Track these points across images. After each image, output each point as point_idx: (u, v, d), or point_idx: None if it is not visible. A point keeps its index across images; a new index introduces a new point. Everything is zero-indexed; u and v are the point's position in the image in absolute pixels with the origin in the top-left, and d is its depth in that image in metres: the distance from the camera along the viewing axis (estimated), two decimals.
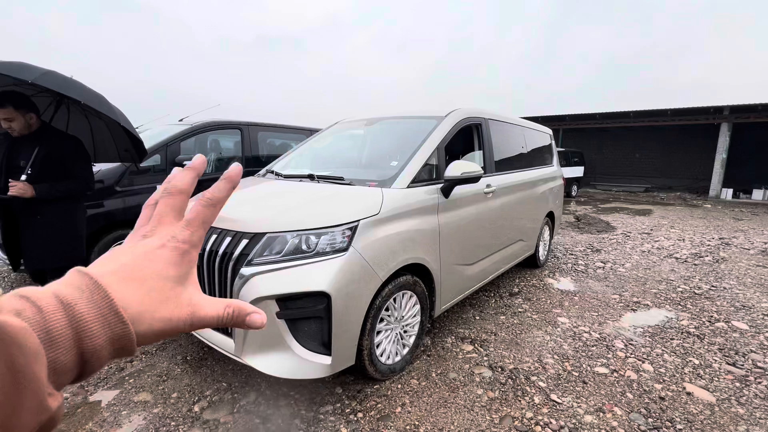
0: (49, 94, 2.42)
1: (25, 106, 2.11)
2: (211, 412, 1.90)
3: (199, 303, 0.32)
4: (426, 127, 2.69)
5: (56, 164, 2.19)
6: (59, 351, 0.24)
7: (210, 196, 0.35)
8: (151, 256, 0.31)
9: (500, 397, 2.06)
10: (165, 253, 0.31)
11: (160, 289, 0.30)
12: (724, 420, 1.91)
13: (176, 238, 0.32)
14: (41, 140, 2.16)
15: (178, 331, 0.31)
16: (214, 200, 0.35)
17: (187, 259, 0.32)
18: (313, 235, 1.84)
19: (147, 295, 0.29)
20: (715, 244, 6.02)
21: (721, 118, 14.70)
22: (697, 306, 3.43)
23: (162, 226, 0.33)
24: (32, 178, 2.09)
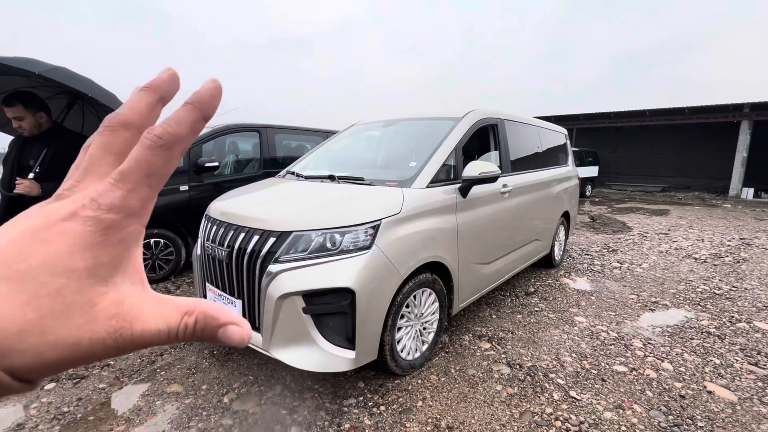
0: (64, 96, 2.44)
1: (35, 105, 2.10)
2: (240, 404, 1.98)
3: (134, 311, 0.21)
4: (443, 128, 2.74)
5: (64, 163, 2.15)
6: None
7: (161, 132, 0.21)
8: (44, 234, 0.19)
9: (519, 393, 2.09)
10: (73, 227, 0.20)
11: (54, 291, 0.19)
12: (746, 419, 1.91)
13: (97, 203, 0.20)
14: (51, 140, 2.16)
15: (95, 358, 0.20)
16: (168, 138, 0.21)
17: (115, 237, 0.20)
18: (338, 234, 1.91)
19: (30, 302, 0.18)
20: (735, 245, 5.90)
21: (741, 116, 14.34)
22: (717, 306, 3.39)
23: (86, 182, 0.21)
24: (40, 177, 2.09)
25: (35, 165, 2.10)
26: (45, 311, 0.18)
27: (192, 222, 3.85)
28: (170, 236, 3.82)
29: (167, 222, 3.81)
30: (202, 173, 4.05)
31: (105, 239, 0.20)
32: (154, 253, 3.74)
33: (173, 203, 3.83)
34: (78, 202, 0.20)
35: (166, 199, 3.79)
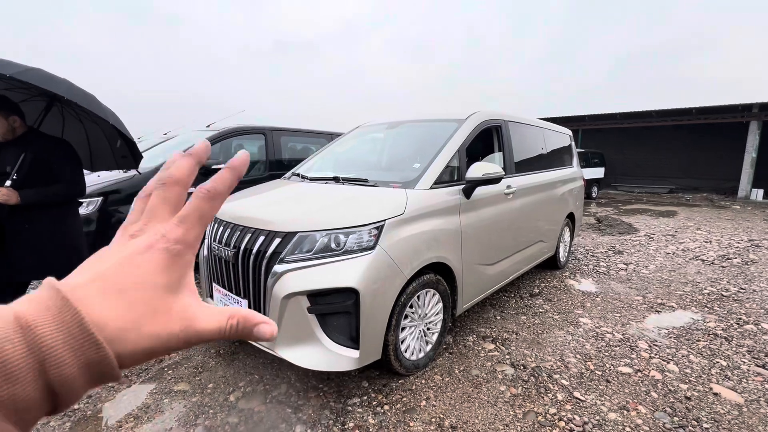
0: (41, 99, 2.29)
1: (7, 108, 1.99)
2: (246, 402, 2.01)
3: (196, 314, 0.28)
4: (447, 130, 2.76)
5: (44, 168, 2.07)
6: (17, 385, 0.21)
7: (210, 188, 0.30)
8: (136, 260, 0.27)
9: (523, 394, 2.09)
10: (153, 255, 0.27)
11: (146, 300, 0.26)
12: (753, 420, 1.90)
13: (167, 238, 0.28)
14: (27, 144, 2.04)
15: (171, 348, 0.27)
16: (213, 192, 0.30)
17: (180, 262, 0.28)
18: (342, 234, 1.93)
19: (130, 308, 0.25)
20: (744, 246, 5.84)
21: (749, 116, 14.18)
22: (724, 308, 3.36)
23: (153, 224, 0.29)
24: (18, 184, 1.97)
25: (12, 172, 1.98)
26: (139, 314, 0.25)
27: None
28: None
29: None
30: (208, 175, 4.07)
31: (174, 263, 0.28)
32: None
33: None
34: (152, 237, 0.28)
35: None
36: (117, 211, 3.49)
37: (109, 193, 3.49)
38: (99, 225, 3.40)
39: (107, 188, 3.50)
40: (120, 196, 3.53)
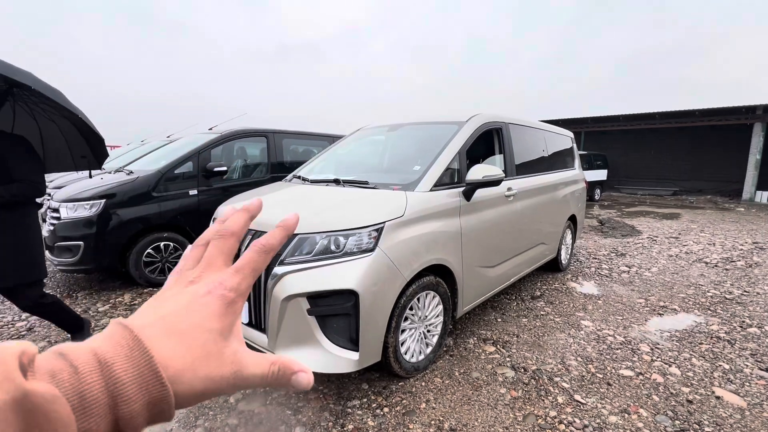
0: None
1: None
2: (246, 404, 2.01)
3: (244, 359, 0.29)
4: (447, 132, 2.76)
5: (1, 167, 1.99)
6: (92, 419, 0.21)
7: (264, 243, 0.33)
8: (194, 305, 0.29)
9: (523, 396, 2.08)
10: (210, 301, 0.29)
11: (202, 343, 0.27)
12: (755, 424, 1.88)
13: (224, 285, 0.30)
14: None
15: (221, 391, 0.27)
16: (267, 247, 0.33)
17: (232, 309, 0.30)
18: (342, 236, 1.94)
19: (188, 350, 0.26)
20: (748, 249, 5.80)
21: (753, 118, 14.10)
22: (728, 311, 3.34)
23: (210, 272, 0.31)
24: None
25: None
26: (196, 356, 0.27)
27: (201, 225, 3.92)
28: (180, 240, 3.90)
29: (177, 225, 3.89)
30: (211, 178, 4.13)
31: (227, 310, 0.29)
32: (164, 256, 3.81)
33: (183, 207, 3.91)
34: (210, 285, 0.30)
35: (175, 203, 3.86)
36: (116, 214, 3.51)
37: (111, 196, 3.51)
38: (99, 227, 3.43)
39: (109, 191, 3.53)
40: (121, 199, 3.55)
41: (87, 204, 3.47)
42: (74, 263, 3.43)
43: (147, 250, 3.71)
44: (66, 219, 3.45)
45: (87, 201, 3.48)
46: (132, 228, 3.60)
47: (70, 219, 3.44)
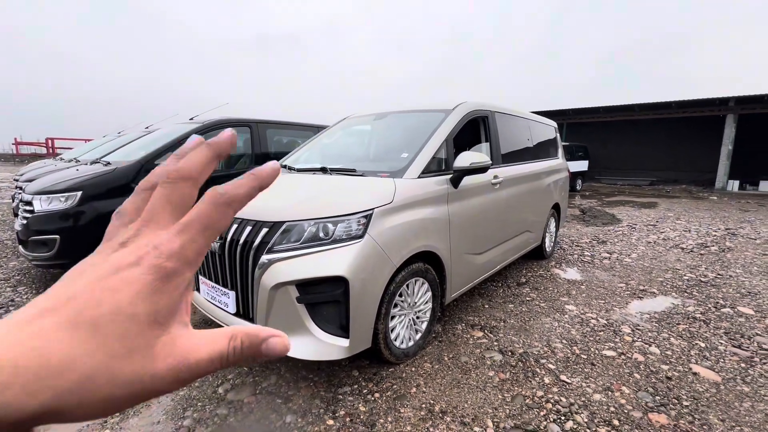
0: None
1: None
2: (235, 394, 1.99)
3: (187, 347, 0.22)
4: (434, 120, 2.76)
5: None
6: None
7: (224, 191, 0.24)
8: (115, 281, 0.21)
9: (511, 378, 2.13)
10: (136, 276, 0.21)
11: (121, 335, 0.20)
12: (730, 397, 1.97)
13: (159, 250, 0.22)
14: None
15: (157, 392, 0.21)
16: (227, 197, 0.24)
17: (172, 284, 0.22)
18: (330, 223, 1.92)
19: (101, 347, 0.20)
20: (721, 235, 6.04)
21: (726, 110, 14.62)
22: (703, 293, 3.47)
23: (149, 230, 0.23)
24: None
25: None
26: (112, 353, 0.20)
27: None
28: None
29: None
30: None
31: (164, 287, 0.22)
32: None
33: None
34: (142, 249, 0.22)
35: None
36: (93, 207, 3.39)
37: (88, 188, 3.38)
38: (76, 220, 3.30)
39: (85, 183, 3.40)
40: (98, 191, 3.43)
41: (62, 196, 3.34)
42: (50, 258, 3.30)
43: None
44: (40, 212, 3.31)
45: (62, 193, 3.34)
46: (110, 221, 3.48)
47: (45, 212, 3.30)
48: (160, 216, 0.24)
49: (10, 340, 0.19)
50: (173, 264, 0.22)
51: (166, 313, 0.22)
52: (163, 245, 0.22)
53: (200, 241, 0.23)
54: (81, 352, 0.19)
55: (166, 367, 0.21)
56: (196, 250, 0.23)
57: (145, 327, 0.21)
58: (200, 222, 0.23)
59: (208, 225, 0.23)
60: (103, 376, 0.20)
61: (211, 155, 0.26)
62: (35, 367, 0.18)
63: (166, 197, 0.24)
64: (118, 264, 0.22)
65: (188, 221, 0.23)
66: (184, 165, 0.25)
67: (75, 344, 0.19)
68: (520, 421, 1.79)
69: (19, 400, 0.17)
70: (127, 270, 0.21)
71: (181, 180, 0.24)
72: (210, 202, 0.24)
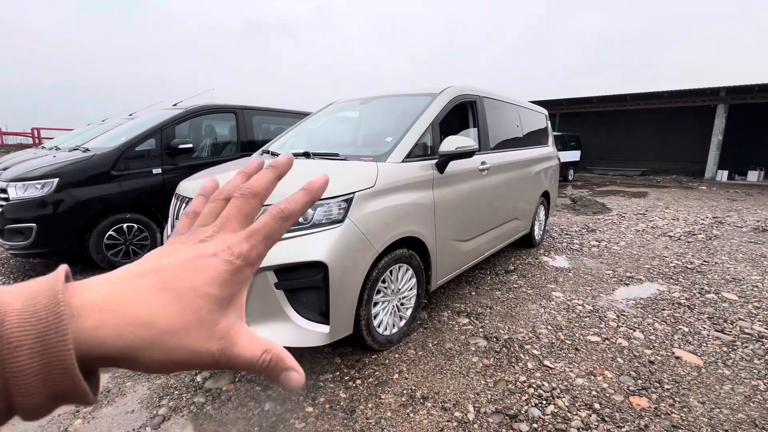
0: None
1: None
2: (213, 382, 1.95)
3: (236, 338, 0.26)
4: (420, 104, 2.70)
5: None
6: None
7: (284, 208, 0.29)
8: (197, 264, 0.25)
9: (495, 364, 2.11)
10: (214, 264, 0.26)
11: (197, 309, 0.24)
12: (710, 380, 1.98)
13: (232, 250, 0.26)
14: None
15: (202, 365, 0.25)
16: (286, 213, 0.29)
17: (237, 278, 0.26)
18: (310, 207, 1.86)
19: (179, 313, 0.24)
20: (708, 223, 6.09)
21: (717, 100, 14.69)
22: (688, 279, 3.49)
23: (223, 233, 0.28)
24: None
25: None
26: (187, 321, 0.24)
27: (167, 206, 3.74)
28: (144, 221, 3.71)
29: (141, 206, 3.70)
30: (176, 155, 3.92)
31: (232, 278, 0.26)
32: (127, 238, 3.62)
33: (146, 187, 3.71)
34: (219, 246, 0.27)
35: (138, 183, 3.66)
36: (71, 194, 3.29)
37: (64, 175, 3.28)
38: (53, 208, 3.21)
39: (62, 169, 3.30)
40: (76, 178, 3.33)
41: (38, 183, 3.24)
42: (27, 246, 3.21)
43: (109, 232, 3.51)
44: (15, 200, 3.21)
45: (38, 180, 3.24)
46: (90, 209, 3.39)
47: (20, 199, 3.20)
48: (233, 223, 0.29)
49: (111, 289, 0.23)
50: (241, 262, 0.27)
51: (229, 302, 0.26)
52: (235, 246, 0.27)
53: (262, 248, 0.28)
54: (163, 312, 0.23)
55: (218, 347, 0.25)
56: (257, 254, 0.28)
57: (214, 307, 0.25)
58: (263, 232, 0.28)
59: (269, 235, 0.28)
60: (175, 337, 0.23)
61: (275, 176, 0.31)
62: (127, 315, 0.22)
63: (239, 209, 0.29)
64: (201, 253, 0.26)
65: (254, 230, 0.28)
66: (255, 184, 0.30)
67: (159, 305, 0.23)
68: (502, 405, 1.77)
69: (110, 339, 0.21)
70: (207, 259, 0.26)
71: (251, 196, 0.30)
72: (273, 217, 0.29)
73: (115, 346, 0.22)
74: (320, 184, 0.31)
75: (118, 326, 0.22)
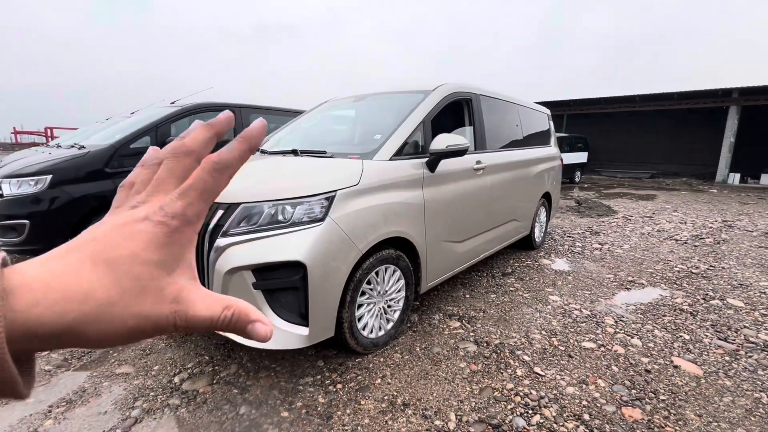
0: None
1: None
2: (191, 384, 1.90)
3: (189, 299, 0.25)
4: (412, 101, 2.63)
5: None
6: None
7: (217, 159, 0.27)
8: (130, 230, 0.24)
9: (483, 370, 2.03)
10: (147, 228, 0.25)
11: (136, 275, 0.24)
12: (710, 392, 1.88)
13: (164, 210, 0.25)
14: None
15: (159, 331, 0.24)
16: (221, 164, 0.27)
17: (176, 239, 0.25)
18: (289, 205, 1.81)
19: (118, 282, 0.23)
20: (717, 227, 5.91)
21: (729, 101, 14.35)
22: (693, 285, 3.37)
23: (156, 196, 0.27)
24: None
25: None
26: (127, 290, 0.23)
27: None
28: None
29: None
30: None
31: (170, 240, 0.25)
32: None
33: None
34: (150, 209, 0.26)
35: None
36: (64, 191, 3.29)
37: (58, 172, 3.27)
38: (46, 204, 3.20)
39: (56, 166, 3.29)
40: (70, 175, 3.32)
41: (32, 180, 3.23)
42: (20, 243, 3.21)
43: None
44: (9, 196, 3.21)
45: (32, 177, 3.24)
46: (83, 206, 3.38)
47: (14, 196, 3.20)
48: (166, 185, 0.27)
49: (44, 268, 0.22)
50: (177, 222, 0.25)
51: (173, 264, 0.25)
52: (167, 206, 0.26)
53: (198, 204, 0.26)
54: (98, 284, 0.23)
55: (170, 310, 0.25)
56: (195, 211, 0.26)
57: (156, 272, 0.24)
58: (197, 187, 0.26)
59: (204, 189, 0.27)
60: (117, 308, 0.23)
61: (211, 133, 0.29)
62: (62, 290, 0.22)
63: (171, 170, 0.27)
64: (131, 218, 0.25)
65: (187, 186, 0.26)
66: (187, 141, 0.28)
67: (94, 277, 0.23)
68: (485, 414, 1.69)
69: (48, 317, 0.21)
70: (139, 223, 0.25)
71: (184, 155, 0.28)
72: (206, 169, 0.27)
73: (55, 323, 0.21)
74: (258, 129, 0.29)
75: (54, 302, 0.21)
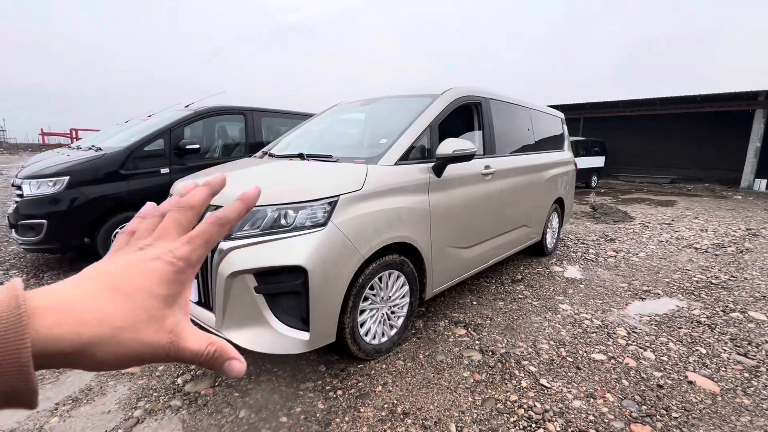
0: None
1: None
2: (193, 385, 1.91)
3: (183, 332, 0.29)
4: (420, 105, 2.61)
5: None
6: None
7: (220, 215, 0.32)
8: (142, 267, 0.28)
9: (486, 380, 1.99)
10: (158, 266, 0.28)
11: (146, 307, 0.27)
12: (726, 410, 1.79)
13: (173, 253, 0.29)
14: None
15: (155, 359, 0.27)
16: (223, 220, 0.32)
17: (180, 278, 0.29)
18: (292, 210, 1.81)
19: (132, 311, 0.26)
20: (740, 235, 5.68)
21: (755, 104, 13.82)
22: (712, 296, 3.24)
23: (162, 242, 0.30)
24: None
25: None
26: (137, 318, 0.26)
27: None
28: None
29: None
30: (184, 156, 3.98)
31: (175, 278, 0.29)
32: None
33: (154, 186, 3.77)
34: (160, 250, 0.29)
35: (146, 182, 3.73)
36: (81, 192, 3.38)
37: (75, 173, 3.37)
38: (63, 205, 3.30)
39: (73, 167, 3.39)
40: (86, 177, 3.41)
41: (50, 181, 3.34)
42: (38, 242, 3.31)
43: (116, 230, 3.58)
44: (29, 196, 3.32)
45: (50, 178, 3.34)
46: (99, 206, 3.47)
47: (33, 196, 3.31)
48: (171, 233, 0.31)
49: (65, 292, 0.25)
50: (182, 263, 0.29)
51: (174, 300, 0.29)
52: (176, 249, 0.30)
53: (201, 251, 0.31)
54: (114, 311, 0.26)
55: (167, 340, 0.27)
56: (197, 256, 0.30)
57: (162, 305, 0.28)
58: (202, 236, 0.31)
59: (207, 239, 0.31)
60: (129, 333, 0.26)
61: (210, 192, 0.34)
62: (83, 314, 0.24)
63: (176, 220, 0.32)
64: (144, 257, 0.29)
65: (194, 235, 0.31)
66: (190, 198, 0.33)
67: (111, 305, 0.26)
68: (486, 426, 1.65)
69: (67, 336, 0.23)
70: (152, 262, 0.29)
71: (188, 209, 0.32)
72: (210, 222, 0.31)
73: (73, 342, 0.23)
74: (253, 195, 0.34)
75: (75, 324, 0.24)
